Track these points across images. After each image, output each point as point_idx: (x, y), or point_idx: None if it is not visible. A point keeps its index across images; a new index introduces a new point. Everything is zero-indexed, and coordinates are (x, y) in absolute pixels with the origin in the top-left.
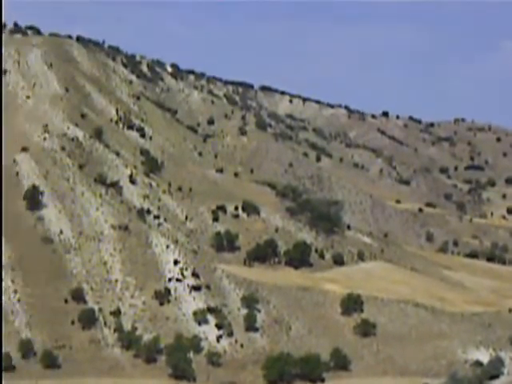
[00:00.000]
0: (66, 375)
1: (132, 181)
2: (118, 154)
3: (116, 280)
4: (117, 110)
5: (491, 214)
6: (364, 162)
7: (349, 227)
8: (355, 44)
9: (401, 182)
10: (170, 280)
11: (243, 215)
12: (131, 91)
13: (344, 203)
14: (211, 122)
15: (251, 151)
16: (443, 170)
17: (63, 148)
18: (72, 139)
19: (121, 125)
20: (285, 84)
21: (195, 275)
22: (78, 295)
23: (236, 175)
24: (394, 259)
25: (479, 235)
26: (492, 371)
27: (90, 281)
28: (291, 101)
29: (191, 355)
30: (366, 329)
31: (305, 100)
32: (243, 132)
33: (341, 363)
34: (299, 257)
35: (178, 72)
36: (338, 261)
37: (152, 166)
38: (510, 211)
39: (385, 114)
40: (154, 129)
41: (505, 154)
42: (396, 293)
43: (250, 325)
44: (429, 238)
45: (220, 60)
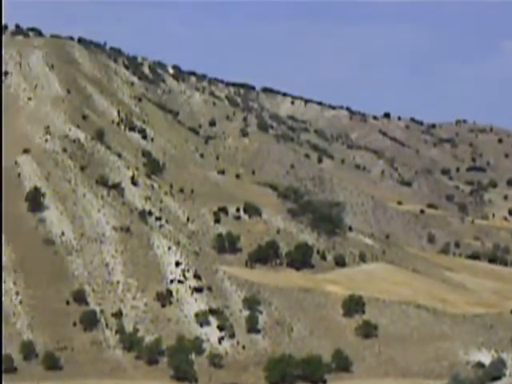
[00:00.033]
0: (68, 377)
1: (134, 182)
2: (120, 156)
3: (118, 282)
4: (118, 112)
5: (493, 216)
6: (366, 164)
7: (350, 228)
8: (356, 44)
9: (402, 184)
10: (172, 281)
11: (245, 217)
12: (133, 93)
13: (345, 204)
14: (213, 124)
15: (253, 153)
16: (445, 172)
17: (65, 150)
18: (73, 141)
19: (122, 126)
20: (286, 85)
21: (197, 277)
22: (80, 297)
23: (238, 177)
24: (396, 261)
25: (481, 236)
26: (494, 373)
27: (92, 282)
28: (293, 102)
29: (193, 357)
30: (368, 330)
31: (306, 101)
32: (245, 133)
33: (342, 364)
34: (301, 258)
35: (180, 73)
36: (340, 262)
37: (154, 168)
38: None
39: (386, 116)
40: (156, 130)
41: (506, 156)
42: (397, 294)
43: (252, 326)
44: (430, 240)
45: (221, 61)
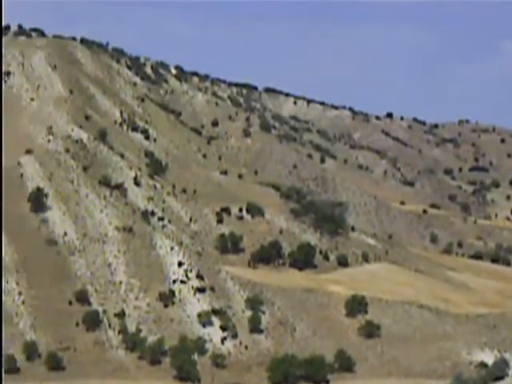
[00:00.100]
0: (71, 377)
1: (136, 183)
2: (123, 156)
3: (120, 282)
4: (121, 112)
5: (495, 216)
6: (368, 164)
7: (353, 229)
8: (356, 44)
9: (405, 184)
10: (175, 282)
11: (247, 217)
12: (135, 93)
13: (348, 205)
14: (215, 124)
15: (255, 153)
16: (447, 172)
17: (67, 150)
18: (76, 141)
19: (125, 127)
20: (288, 85)
21: (199, 277)
22: (83, 297)
23: (240, 177)
24: (399, 261)
25: (483, 236)
26: (497, 372)
27: (95, 283)
28: (295, 102)
29: (196, 357)
30: (371, 330)
31: (309, 101)
32: (247, 134)
33: (345, 365)
34: (303, 258)
35: (182, 74)
36: (343, 262)
37: (156, 168)
38: None
39: (389, 116)
40: (159, 131)
41: (509, 156)
42: (400, 294)
43: (255, 326)
44: (433, 240)
45: (223, 61)
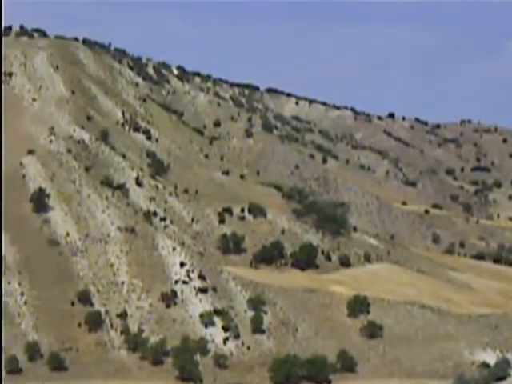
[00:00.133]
0: (73, 377)
1: (138, 183)
2: (124, 157)
3: (122, 282)
4: (123, 113)
5: (498, 216)
6: (370, 164)
7: (355, 229)
8: (357, 45)
9: (407, 184)
10: (177, 282)
11: (249, 217)
12: (137, 93)
13: (350, 205)
14: (217, 124)
15: (257, 153)
16: (449, 172)
17: (69, 150)
18: (78, 142)
19: (127, 127)
20: (290, 85)
21: (201, 277)
22: (85, 297)
23: (242, 177)
24: (401, 261)
25: (486, 237)
26: (499, 373)
27: (97, 283)
28: (297, 103)
29: (198, 357)
30: (373, 330)
31: (311, 102)
32: (249, 134)
33: (347, 365)
34: (305, 258)
35: (184, 74)
36: (345, 262)
37: (158, 169)
38: None
39: (391, 116)
40: (160, 131)
41: (511, 155)
42: (402, 294)
43: (257, 327)
44: (435, 240)
45: (223, 61)
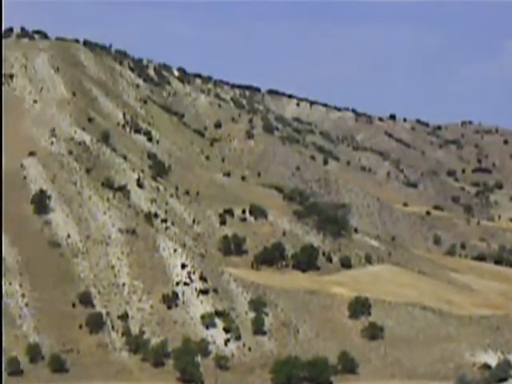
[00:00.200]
0: (74, 379)
1: (139, 184)
2: (125, 158)
3: (123, 284)
4: (124, 114)
5: (499, 217)
6: (371, 165)
7: (356, 230)
8: (358, 45)
9: (408, 185)
10: (178, 284)
11: (250, 219)
12: (138, 95)
13: (351, 206)
14: (218, 126)
15: (258, 155)
16: (450, 173)
17: (70, 152)
18: (79, 143)
19: (128, 129)
20: (290, 86)
21: (203, 279)
22: (86, 299)
23: (243, 179)
24: (402, 262)
25: (487, 238)
26: (500, 374)
27: (98, 285)
28: (298, 104)
29: (199, 359)
30: (374, 332)
31: (312, 103)
32: (250, 135)
33: (348, 366)
34: (306, 260)
35: (185, 76)
36: (346, 264)
37: (159, 170)
38: None
39: (392, 117)
40: (161, 132)
41: None
42: (403, 296)
43: (258, 328)
44: (436, 241)
45: (223, 61)
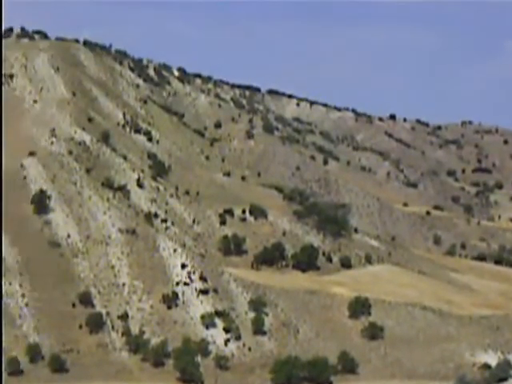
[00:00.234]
0: (74, 379)
1: (139, 184)
2: (125, 158)
3: (123, 284)
4: (124, 114)
5: (499, 217)
6: (371, 165)
7: (356, 230)
8: (358, 45)
9: (408, 185)
10: (178, 284)
11: (250, 219)
12: (138, 95)
13: (351, 206)
14: (218, 126)
15: (258, 155)
16: (450, 173)
17: (70, 152)
18: (79, 143)
19: (128, 129)
20: (290, 86)
21: (203, 279)
22: (86, 299)
23: (243, 179)
24: (402, 262)
25: (487, 238)
26: (500, 374)
27: (98, 285)
28: (298, 104)
29: (199, 359)
30: (374, 332)
31: (312, 103)
32: (250, 135)
33: (348, 366)
34: (306, 260)
35: (185, 76)
36: (346, 264)
37: (159, 170)
38: None
39: (392, 117)
40: (161, 132)
41: None
42: (403, 296)
43: (258, 328)
44: (436, 241)
45: (223, 61)
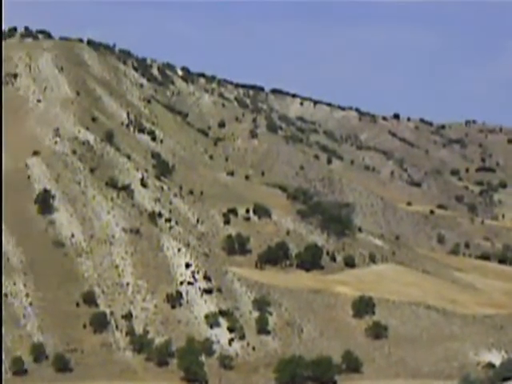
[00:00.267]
0: (78, 379)
1: (143, 184)
2: (129, 158)
3: (127, 283)
4: (128, 114)
5: (502, 216)
6: (375, 165)
7: (360, 229)
8: (358, 45)
9: (412, 184)
10: (182, 283)
11: (254, 218)
12: (142, 94)
13: (355, 205)
14: (222, 125)
15: (262, 154)
16: (454, 172)
17: (74, 152)
18: (83, 143)
19: (132, 128)
20: (291, 86)
21: (207, 278)
22: (90, 299)
23: (247, 178)
24: (406, 261)
25: (491, 237)
26: (504, 373)
27: (102, 284)
28: (302, 103)
29: (203, 358)
30: (378, 331)
31: (316, 102)
32: (254, 135)
33: (352, 366)
34: (310, 259)
35: (189, 75)
36: (350, 263)
37: (163, 170)
38: None
39: (396, 116)
40: (165, 132)
41: None
42: (407, 295)
43: (262, 327)
44: (440, 240)
45: (226, 61)
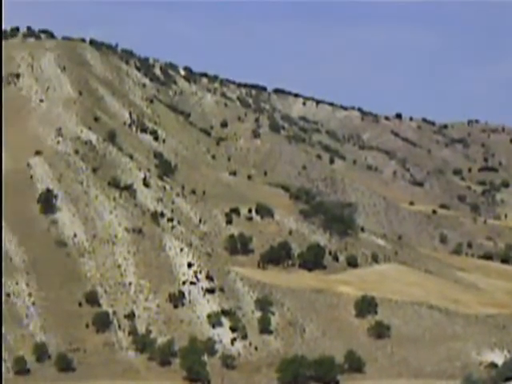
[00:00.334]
0: (81, 378)
1: (145, 184)
2: (132, 157)
3: (130, 283)
4: (130, 114)
5: (505, 216)
6: (377, 164)
7: (362, 229)
8: (358, 45)
9: (414, 184)
10: (184, 283)
11: (257, 218)
12: (144, 94)
13: (357, 205)
14: (224, 125)
15: (264, 154)
16: (457, 172)
17: (77, 151)
18: (85, 142)
19: (134, 128)
20: (291, 85)
21: (209, 278)
22: (92, 298)
23: (249, 178)
24: (408, 261)
25: (493, 237)
26: (507, 373)
27: (104, 284)
28: (304, 103)
29: (205, 358)
30: (380, 331)
31: (318, 102)
32: (256, 135)
33: (355, 365)
34: (313, 259)
35: (191, 75)
36: (352, 263)
37: (165, 169)
38: None
39: (398, 116)
40: (168, 132)
41: None
42: (410, 295)
43: (264, 327)
44: (443, 240)
45: (227, 61)
